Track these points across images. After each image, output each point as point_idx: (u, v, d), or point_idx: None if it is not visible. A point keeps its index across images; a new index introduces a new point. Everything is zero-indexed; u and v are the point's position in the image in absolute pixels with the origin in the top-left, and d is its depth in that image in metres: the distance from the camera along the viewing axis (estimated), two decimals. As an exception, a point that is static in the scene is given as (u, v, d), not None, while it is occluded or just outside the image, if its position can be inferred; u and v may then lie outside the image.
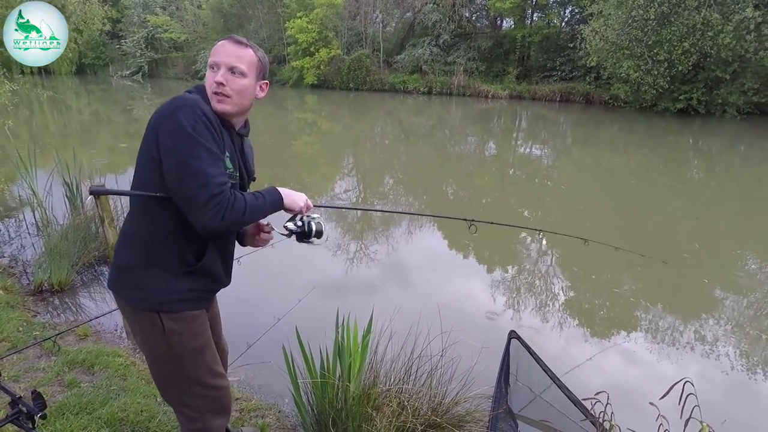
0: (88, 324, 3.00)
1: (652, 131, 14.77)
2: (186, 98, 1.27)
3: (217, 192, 1.20)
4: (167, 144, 1.21)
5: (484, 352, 2.29)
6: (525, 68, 23.55)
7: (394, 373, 2.02)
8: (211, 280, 1.44)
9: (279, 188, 1.42)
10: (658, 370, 3.12)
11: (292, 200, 1.44)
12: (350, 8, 26.19)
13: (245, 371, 2.68)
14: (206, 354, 1.44)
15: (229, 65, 1.31)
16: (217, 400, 1.49)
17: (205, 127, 1.23)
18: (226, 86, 1.31)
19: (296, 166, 9.59)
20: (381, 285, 4.24)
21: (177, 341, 1.37)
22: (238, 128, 1.44)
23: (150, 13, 33.15)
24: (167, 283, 1.34)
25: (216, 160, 1.23)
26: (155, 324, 1.34)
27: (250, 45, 1.37)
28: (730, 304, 4.14)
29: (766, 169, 10.21)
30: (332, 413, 1.87)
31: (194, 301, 1.40)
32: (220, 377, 1.50)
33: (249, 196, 1.31)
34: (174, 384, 1.44)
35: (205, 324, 1.45)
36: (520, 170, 10.13)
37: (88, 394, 2.21)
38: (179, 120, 1.20)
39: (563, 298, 4.16)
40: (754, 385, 3.02)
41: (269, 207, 1.36)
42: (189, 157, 1.19)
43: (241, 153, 1.46)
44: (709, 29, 14.52)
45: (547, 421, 1.96)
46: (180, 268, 1.35)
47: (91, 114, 17.06)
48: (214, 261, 1.41)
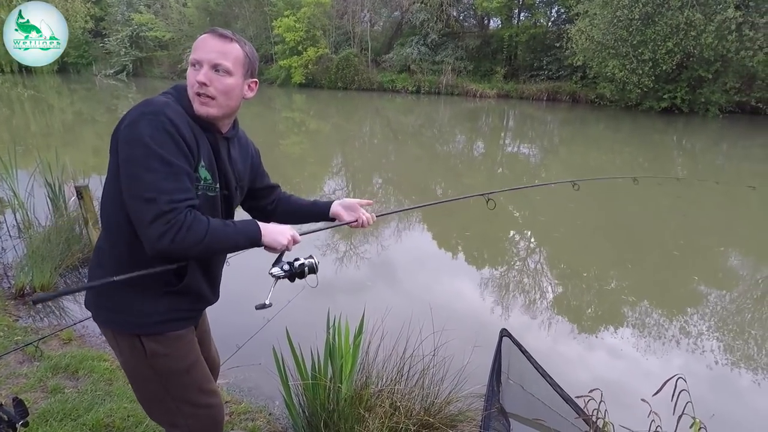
0: (72, 328, 2.93)
1: (638, 130, 14.97)
2: (153, 103, 1.14)
3: (167, 210, 1.06)
4: (122, 154, 1.10)
5: (476, 351, 2.29)
6: (512, 67, 23.71)
7: (386, 374, 2.01)
8: (195, 300, 1.34)
9: (260, 223, 1.26)
10: (647, 366, 3.15)
11: (272, 238, 1.25)
12: (338, 7, 26.09)
13: (235, 373, 2.64)
14: (194, 374, 1.35)
15: (212, 62, 1.18)
16: (208, 418, 1.41)
17: (169, 136, 1.10)
18: (210, 86, 1.18)
19: (285, 165, 9.51)
20: (372, 285, 4.22)
21: (161, 363, 1.28)
22: (225, 131, 1.32)
23: (134, 11, 32.63)
24: (146, 305, 1.23)
25: (175, 175, 1.10)
26: (136, 347, 1.25)
27: (236, 39, 1.23)
28: (715, 299, 4.21)
29: (747, 167, 10.42)
30: (324, 415, 1.85)
31: (177, 321, 1.30)
32: (211, 395, 1.41)
33: (216, 221, 1.17)
34: (161, 405, 1.36)
35: (192, 343, 1.37)
36: (509, 169, 10.19)
37: (73, 400, 2.16)
38: (138, 128, 1.09)
39: (554, 295, 4.19)
40: (741, 380, 3.07)
41: (242, 239, 1.20)
42: (141, 170, 1.07)
43: (229, 158, 1.34)
44: (692, 29, 14.77)
45: (540, 419, 1.96)
46: (159, 289, 1.24)
47: (74, 114, 16.72)
48: (197, 280, 1.30)
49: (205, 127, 1.25)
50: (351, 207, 1.53)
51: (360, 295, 3.95)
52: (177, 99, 1.23)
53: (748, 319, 3.89)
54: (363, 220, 1.51)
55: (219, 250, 1.16)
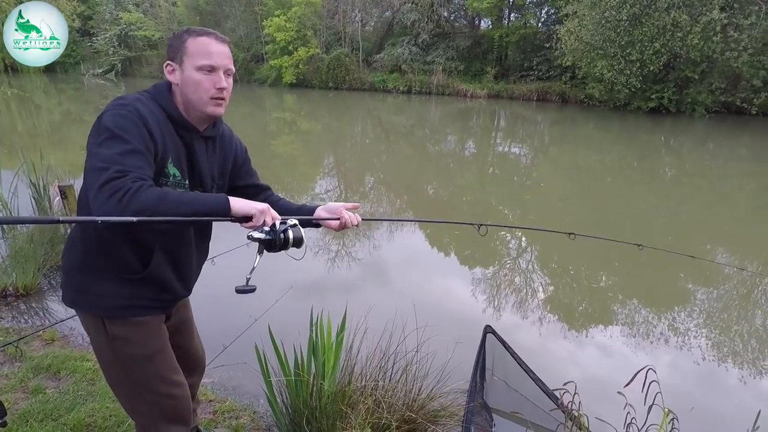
0: (56, 328, 2.90)
1: (626, 129, 15.14)
2: (124, 98, 1.20)
3: (116, 176, 1.05)
4: (88, 141, 1.15)
5: (460, 347, 2.31)
6: (503, 68, 23.85)
7: (370, 370, 2.02)
8: (160, 289, 1.35)
9: (232, 197, 1.21)
10: (633, 361, 3.19)
11: (245, 204, 1.18)
12: (329, 7, 26.06)
13: (220, 373, 2.63)
14: (157, 361, 1.37)
15: (226, 68, 1.27)
16: (170, 409, 1.42)
17: (132, 124, 1.14)
18: (226, 90, 1.28)
19: (276, 166, 9.49)
20: (361, 283, 4.23)
21: (122, 347, 1.31)
22: (203, 130, 1.34)
23: (123, 9, 32.28)
24: (110, 289, 1.28)
25: (131, 152, 1.11)
26: (99, 329, 1.30)
27: (228, 40, 1.32)
28: (702, 296, 4.27)
29: (733, 166, 10.58)
30: (306, 411, 1.85)
31: (141, 308, 1.33)
32: (175, 385, 1.42)
33: (171, 189, 1.18)
34: (123, 389, 1.39)
35: (158, 331, 1.38)
36: (500, 169, 10.26)
37: (54, 400, 2.14)
38: (104, 118, 1.15)
39: (538, 292, 4.23)
40: (721, 374, 3.12)
41: (201, 206, 1.13)
42: (100, 148, 1.10)
43: (207, 157, 1.37)
44: (678, 30, 14.97)
45: (522, 414, 1.98)
46: (122, 274, 1.28)
47: (62, 113, 16.53)
48: (162, 269, 1.33)
49: (182, 125, 1.29)
50: (334, 211, 1.49)
51: (347, 294, 3.95)
52: (153, 96, 1.27)
53: (733, 315, 3.96)
54: (346, 219, 1.47)
55: (176, 213, 1.08)
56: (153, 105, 1.24)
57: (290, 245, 1.22)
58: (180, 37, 1.28)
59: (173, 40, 1.29)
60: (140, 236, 1.28)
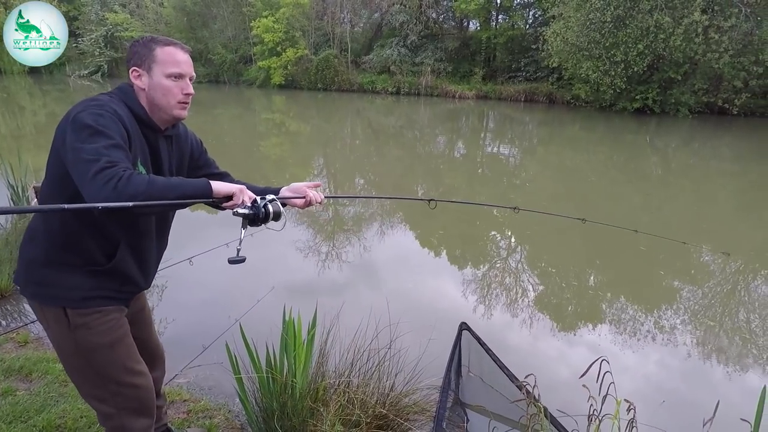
0: (29, 331, 2.87)
1: (612, 130, 15.33)
2: (97, 99, 1.28)
3: (108, 166, 1.12)
4: (69, 138, 1.18)
5: (434, 343, 2.32)
6: (491, 69, 24.02)
7: (343, 368, 2.02)
8: (122, 282, 1.42)
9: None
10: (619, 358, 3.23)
11: (223, 187, 1.28)
12: (317, 8, 26.03)
13: (196, 372, 2.62)
14: (119, 350, 1.40)
15: (190, 75, 1.39)
16: (134, 399, 1.45)
17: (112, 122, 1.22)
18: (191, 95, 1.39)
19: (265, 167, 9.46)
20: (347, 282, 4.22)
21: (84, 336, 1.35)
22: (165, 130, 1.43)
23: (109, 10, 31.93)
24: (73, 280, 1.32)
25: (116, 146, 1.18)
26: (60, 319, 1.33)
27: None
28: (685, 294, 4.33)
29: (716, 166, 10.77)
30: (278, 409, 1.86)
31: (103, 298, 1.37)
32: (137, 375, 1.46)
33: (157, 176, 1.23)
34: (85, 380, 1.42)
35: (120, 321, 1.42)
36: (489, 169, 10.32)
37: (24, 402, 2.11)
38: (82, 116, 1.19)
39: (513, 289, 4.26)
40: (693, 370, 3.18)
41: (189, 188, 1.22)
42: (85, 144, 1.16)
43: (168, 154, 1.46)
44: (661, 32, 15.20)
45: (491, 408, 2.00)
46: (86, 267, 1.33)
47: (47, 115, 16.30)
48: (126, 262, 1.39)
49: (148, 126, 1.37)
50: (298, 190, 1.54)
51: (332, 293, 3.95)
52: (121, 98, 1.35)
53: (709, 312, 4.03)
54: (311, 197, 1.52)
55: (165, 196, 1.16)
56: (122, 106, 1.31)
57: (271, 218, 1.33)
58: (147, 45, 1.36)
59: (139, 47, 1.36)
60: (105, 230, 1.34)
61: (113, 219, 1.33)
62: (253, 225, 1.35)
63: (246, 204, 1.31)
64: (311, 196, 1.53)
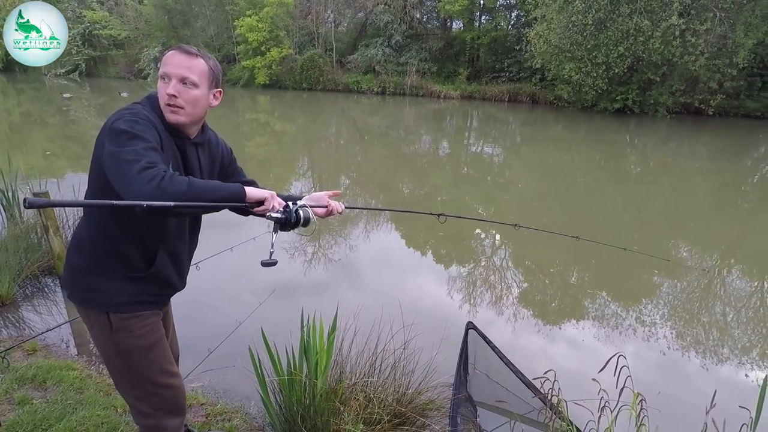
0: (37, 339, 2.85)
1: (594, 130, 15.70)
2: (131, 107, 1.32)
3: (150, 166, 1.16)
4: (107, 145, 1.22)
5: (444, 342, 2.42)
6: (475, 69, 24.27)
7: (360, 368, 2.10)
8: (162, 285, 1.48)
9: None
10: (604, 352, 3.38)
11: (258, 192, 1.34)
12: (301, 7, 25.90)
13: (209, 376, 2.66)
14: (156, 352, 1.47)
15: (180, 76, 1.33)
16: (170, 399, 1.52)
17: (147, 127, 1.26)
18: (179, 98, 1.33)
19: (250, 168, 9.35)
20: (345, 284, 4.30)
21: (123, 339, 1.40)
22: (193, 137, 1.45)
23: (86, 7, 31.19)
24: (115, 287, 1.38)
25: (154, 149, 1.22)
26: (103, 323, 1.39)
27: (201, 54, 1.37)
28: (666, 289, 4.53)
29: (692, 165, 11.15)
30: (300, 410, 1.92)
31: (143, 303, 1.43)
32: (172, 376, 1.53)
33: (195, 178, 1.26)
34: (125, 380, 1.48)
35: (157, 324, 1.49)
36: (474, 168, 10.48)
37: (42, 410, 2.13)
38: (119, 123, 1.23)
39: (516, 289, 4.40)
40: (685, 363, 3.35)
41: (225, 191, 1.26)
42: (124, 147, 1.19)
43: (198, 161, 1.47)
44: (640, 35, 15.62)
45: (503, 403, 2.10)
46: (129, 273, 1.39)
47: (21, 115, 15.86)
48: (165, 267, 1.45)
49: (174, 134, 1.39)
50: (319, 200, 1.59)
51: (330, 294, 4.02)
52: (150, 107, 1.37)
53: (696, 307, 4.23)
54: (333, 206, 1.58)
55: (204, 198, 1.20)
56: (153, 114, 1.34)
57: (301, 223, 1.38)
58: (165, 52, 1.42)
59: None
60: (146, 236, 1.39)
61: (150, 223, 1.37)
62: (284, 229, 1.42)
63: (277, 209, 1.36)
64: (333, 206, 1.59)
